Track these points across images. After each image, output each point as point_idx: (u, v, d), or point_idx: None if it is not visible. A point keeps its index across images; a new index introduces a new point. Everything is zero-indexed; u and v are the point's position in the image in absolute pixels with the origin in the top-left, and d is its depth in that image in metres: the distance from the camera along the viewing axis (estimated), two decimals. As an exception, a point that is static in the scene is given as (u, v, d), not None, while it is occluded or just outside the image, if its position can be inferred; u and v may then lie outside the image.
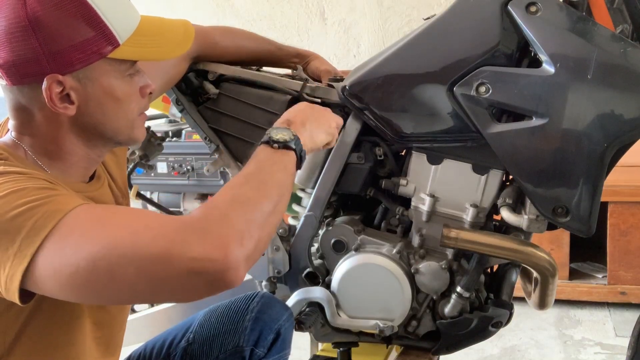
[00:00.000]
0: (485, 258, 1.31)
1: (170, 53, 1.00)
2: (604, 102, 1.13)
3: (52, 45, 0.87)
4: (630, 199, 2.47)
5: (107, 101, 0.94)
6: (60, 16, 0.87)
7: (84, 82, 0.91)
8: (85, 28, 0.89)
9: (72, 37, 0.88)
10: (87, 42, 0.89)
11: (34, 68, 0.88)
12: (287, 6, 3.45)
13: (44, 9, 0.87)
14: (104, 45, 0.90)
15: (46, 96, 0.89)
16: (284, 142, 0.99)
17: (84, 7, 0.89)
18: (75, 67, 0.89)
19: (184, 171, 2.93)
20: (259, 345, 1.21)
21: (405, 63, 1.26)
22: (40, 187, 0.84)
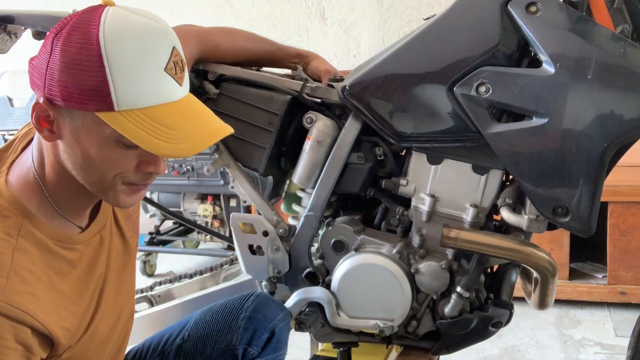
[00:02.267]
0: (485, 258, 1.31)
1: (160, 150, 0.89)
2: (604, 102, 1.13)
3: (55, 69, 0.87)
4: (630, 199, 2.47)
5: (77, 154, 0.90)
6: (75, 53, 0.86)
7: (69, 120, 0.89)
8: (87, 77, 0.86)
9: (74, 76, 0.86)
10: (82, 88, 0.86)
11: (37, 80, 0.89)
12: (287, 6, 3.45)
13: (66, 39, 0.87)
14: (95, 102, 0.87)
15: (32, 110, 0.89)
16: None
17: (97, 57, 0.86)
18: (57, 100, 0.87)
19: (184, 171, 2.93)
20: (252, 344, 1.21)
21: (405, 63, 1.26)
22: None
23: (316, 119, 1.36)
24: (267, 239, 1.41)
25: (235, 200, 3.01)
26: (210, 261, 3.11)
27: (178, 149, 0.89)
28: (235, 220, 1.44)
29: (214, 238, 3.12)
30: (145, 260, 3.24)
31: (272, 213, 1.43)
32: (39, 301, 0.89)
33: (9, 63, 3.35)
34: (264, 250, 1.42)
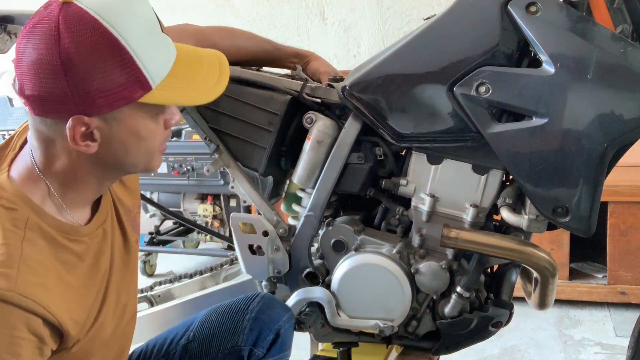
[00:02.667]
0: (485, 258, 1.31)
1: (203, 98, 0.97)
2: (604, 102, 1.13)
3: (81, 88, 0.84)
4: (630, 199, 2.47)
5: (130, 140, 0.92)
6: (94, 60, 0.84)
7: (110, 122, 0.89)
8: (118, 73, 0.86)
9: (104, 82, 0.85)
10: (119, 88, 0.86)
11: (60, 106, 0.86)
12: (287, 6, 3.45)
13: (78, 50, 0.84)
14: (136, 90, 0.88)
15: (69, 135, 0.87)
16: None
17: (119, 51, 0.85)
18: (102, 111, 0.87)
19: (184, 171, 2.93)
20: (258, 345, 1.21)
21: (405, 63, 1.26)
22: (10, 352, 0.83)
23: (316, 119, 1.36)
24: (267, 239, 1.41)
25: (235, 200, 3.01)
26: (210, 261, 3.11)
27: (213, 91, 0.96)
28: (235, 220, 1.44)
29: (214, 238, 3.12)
30: (145, 260, 3.25)
31: (272, 213, 1.43)
32: (49, 292, 0.88)
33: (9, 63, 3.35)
34: (264, 250, 1.42)
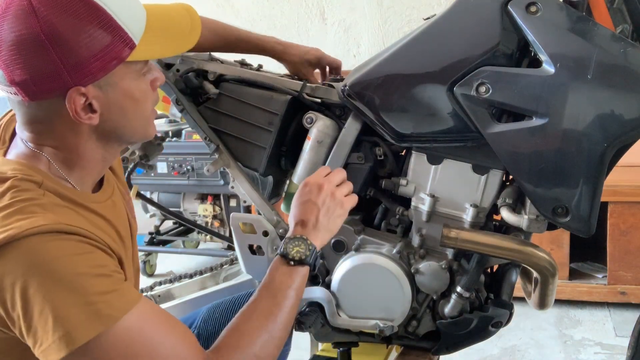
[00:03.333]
0: (485, 258, 1.31)
1: (182, 47, 0.98)
2: (604, 102, 1.13)
3: (72, 58, 0.84)
4: (630, 199, 2.47)
5: (127, 103, 0.92)
6: (77, 25, 0.84)
7: (105, 89, 0.89)
8: (103, 34, 0.85)
9: (91, 46, 0.85)
10: (107, 49, 0.86)
11: (55, 83, 0.85)
12: (287, 6, 3.45)
13: (60, 18, 0.83)
14: (123, 49, 0.88)
15: (70, 110, 0.87)
16: (299, 260, 1.04)
17: (98, 12, 0.85)
18: (97, 77, 0.87)
19: (184, 171, 2.93)
20: None
21: (405, 63, 1.26)
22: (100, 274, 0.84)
23: (316, 119, 1.36)
24: (267, 239, 1.41)
25: (235, 200, 3.01)
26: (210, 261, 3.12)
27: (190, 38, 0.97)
28: (235, 220, 1.44)
29: (214, 238, 3.12)
30: (145, 260, 3.25)
31: (272, 213, 1.43)
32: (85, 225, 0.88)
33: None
34: (264, 250, 1.42)
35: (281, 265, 1.04)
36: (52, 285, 0.80)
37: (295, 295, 1.02)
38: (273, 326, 0.97)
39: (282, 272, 1.03)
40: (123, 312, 0.83)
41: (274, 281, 1.02)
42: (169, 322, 0.92)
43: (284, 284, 1.02)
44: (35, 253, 0.80)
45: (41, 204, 0.85)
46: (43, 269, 0.80)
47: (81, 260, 0.82)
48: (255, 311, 0.98)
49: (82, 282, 0.81)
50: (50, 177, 0.91)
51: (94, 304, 0.81)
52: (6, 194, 0.85)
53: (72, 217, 0.87)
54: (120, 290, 0.85)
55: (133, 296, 0.86)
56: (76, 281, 0.81)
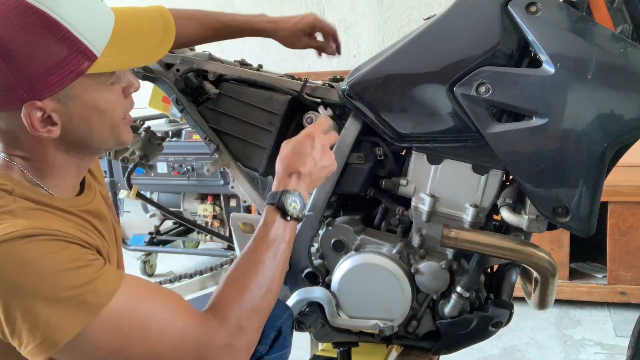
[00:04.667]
0: (485, 258, 1.31)
1: (152, 57, 0.94)
2: (604, 102, 1.13)
3: (25, 72, 0.82)
4: (630, 199, 2.47)
5: (91, 115, 0.90)
6: (29, 40, 0.82)
7: (65, 101, 0.87)
8: (58, 48, 0.83)
9: (46, 60, 0.83)
10: (63, 63, 0.84)
11: (9, 97, 0.83)
12: (287, 6, 3.45)
13: (10, 33, 0.81)
14: (81, 62, 0.85)
15: (27, 123, 0.85)
16: (296, 217, 1.05)
17: (52, 26, 0.82)
18: (53, 91, 0.84)
19: (184, 171, 2.93)
20: (262, 342, 1.21)
21: (405, 63, 1.26)
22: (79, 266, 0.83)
23: (316, 119, 1.36)
24: (267, 239, 1.41)
25: (235, 200, 3.01)
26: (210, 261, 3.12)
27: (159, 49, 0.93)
28: (235, 220, 1.44)
29: (214, 238, 3.12)
30: (145, 260, 3.24)
31: (272, 213, 1.43)
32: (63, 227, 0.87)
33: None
34: (264, 250, 1.41)
35: (276, 217, 1.03)
36: (32, 287, 0.79)
37: (287, 248, 1.03)
38: (269, 279, 0.98)
39: (277, 226, 1.03)
40: (109, 296, 0.83)
41: (270, 233, 1.02)
42: (157, 294, 0.91)
43: (279, 237, 1.02)
44: (10, 259, 0.79)
45: (10, 211, 0.83)
46: (21, 273, 0.79)
47: (57, 258, 0.81)
48: (254, 263, 0.98)
49: (62, 278, 0.81)
50: (23, 185, 0.90)
51: (79, 296, 0.81)
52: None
53: (44, 218, 0.86)
54: (102, 275, 0.84)
55: (116, 278, 0.86)
56: (56, 279, 0.80)
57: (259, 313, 0.96)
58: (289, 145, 1.11)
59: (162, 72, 1.43)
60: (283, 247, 1.02)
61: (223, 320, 0.92)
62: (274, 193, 1.05)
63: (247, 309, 0.94)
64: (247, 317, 0.94)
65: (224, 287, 0.96)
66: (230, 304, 0.94)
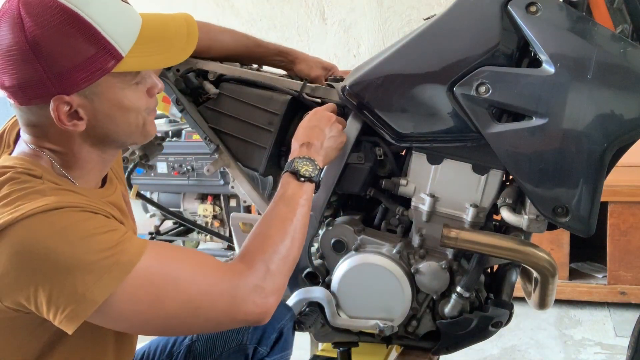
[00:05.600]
0: (485, 258, 1.31)
1: (175, 59, 0.99)
2: (604, 102, 1.13)
3: (55, 68, 0.87)
4: (630, 199, 2.47)
5: (116, 112, 0.94)
6: (60, 37, 0.86)
7: (91, 97, 0.91)
8: (86, 46, 0.88)
9: (75, 58, 0.87)
10: (90, 60, 0.88)
11: (40, 91, 0.88)
12: (287, 6, 3.45)
13: (43, 31, 0.86)
14: (108, 61, 0.90)
15: (54, 116, 0.90)
16: (309, 177, 1.14)
17: (82, 25, 0.87)
18: (80, 87, 0.89)
19: (184, 171, 2.93)
20: (262, 343, 1.21)
21: (405, 63, 1.26)
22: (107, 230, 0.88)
23: (316, 119, 1.36)
24: (267, 239, 1.40)
25: (235, 200, 3.01)
26: (210, 261, 3.10)
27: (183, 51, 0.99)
28: (235, 220, 1.44)
29: (214, 238, 3.12)
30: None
31: (272, 213, 1.43)
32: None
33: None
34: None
35: (291, 180, 1.12)
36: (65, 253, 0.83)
37: (306, 204, 1.11)
38: (291, 229, 1.06)
39: (293, 186, 1.12)
40: (139, 254, 0.88)
41: (287, 193, 1.11)
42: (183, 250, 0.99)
43: (296, 195, 1.10)
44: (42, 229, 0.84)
45: (40, 190, 0.88)
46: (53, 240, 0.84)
47: (86, 225, 0.87)
48: (275, 218, 1.06)
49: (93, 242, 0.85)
50: (51, 172, 0.94)
51: (111, 257, 0.86)
52: (4, 185, 0.89)
53: (72, 196, 0.91)
54: (129, 238, 0.90)
55: (141, 240, 0.91)
56: (87, 243, 0.85)
57: (285, 259, 1.02)
58: (299, 126, 1.23)
59: (162, 72, 1.43)
60: (302, 203, 1.10)
61: (250, 265, 0.98)
62: (288, 163, 1.15)
63: (272, 255, 1.01)
64: (274, 262, 1.00)
65: (249, 241, 1.04)
66: (256, 252, 1.01)
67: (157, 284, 0.89)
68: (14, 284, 0.84)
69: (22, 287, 0.84)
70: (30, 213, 0.84)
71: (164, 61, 0.99)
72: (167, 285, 0.90)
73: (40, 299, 0.84)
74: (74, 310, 0.84)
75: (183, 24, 1.01)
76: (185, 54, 1.00)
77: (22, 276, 0.84)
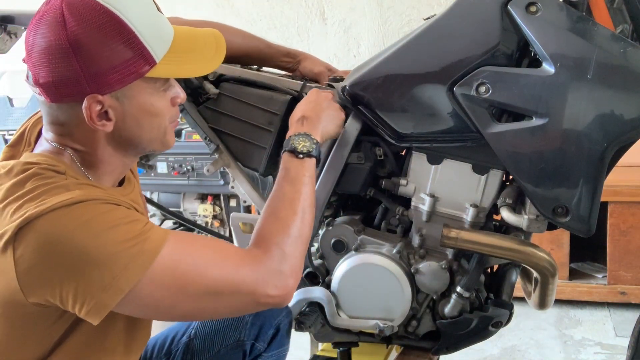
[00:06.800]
0: (485, 258, 1.31)
1: (203, 69, 1.03)
2: (604, 102, 1.13)
3: (92, 67, 0.89)
4: (630, 199, 2.47)
5: (143, 117, 0.97)
6: (100, 38, 0.89)
7: (122, 100, 0.93)
8: (124, 49, 0.90)
9: (112, 59, 0.90)
10: (126, 63, 0.91)
11: (74, 88, 0.90)
12: (287, 6, 3.45)
13: (85, 31, 0.88)
14: (142, 66, 0.92)
15: (86, 115, 0.91)
16: (307, 153, 1.13)
17: (122, 29, 0.90)
18: (114, 88, 0.91)
19: (184, 171, 2.93)
20: (259, 339, 1.22)
21: (405, 63, 1.26)
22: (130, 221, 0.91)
23: (316, 119, 1.36)
24: (267, 239, 1.40)
25: (235, 200, 3.01)
26: (210, 261, 3.10)
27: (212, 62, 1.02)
28: (235, 220, 1.44)
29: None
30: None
31: (272, 213, 1.43)
32: None
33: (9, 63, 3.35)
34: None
35: (291, 159, 1.13)
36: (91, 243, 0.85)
37: (310, 181, 1.12)
38: (299, 208, 1.07)
39: (295, 164, 1.12)
40: (162, 242, 0.91)
41: (290, 172, 1.11)
42: (202, 237, 1.01)
43: (299, 173, 1.11)
44: (67, 221, 0.86)
45: (64, 185, 0.90)
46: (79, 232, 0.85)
47: (110, 216, 0.89)
48: (282, 200, 1.08)
49: (117, 232, 0.88)
50: (73, 169, 0.96)
51: (135, 245, 0.88)
52: (29, 180, 0.90)
53: (94, 190, 0.93)
54: (151, 228, 0.92)
55: (162, 229, 0.94)
56: (112, 233, 0.87)
57: (298, 239, 1.04)
58: (297, 105, 1.24)
59: None
60: (305, 182, 1.10)
61: (267, 250, 1.00)
62: (285, 142, 1.15)
63: (285, 237, 1.02)
64: (288, 244, 1.02)
65: (260, 225, 1.05)
66: (269, 236, 1.02)
67: (182, 270, 0.91)
68: (41, 278, 0.86)
69: (48, 281, 0.86)
70: (56, 207, 0.86)
71: (194, 71, 1.03)
72: (190, 272, 0.92)
73: (66, 293, 0.86)
74: (101, 301, 0.86)
75: (211, 40, 1.04)
76: (213, 65, 1.02)
77: (48, 270, 0.85)
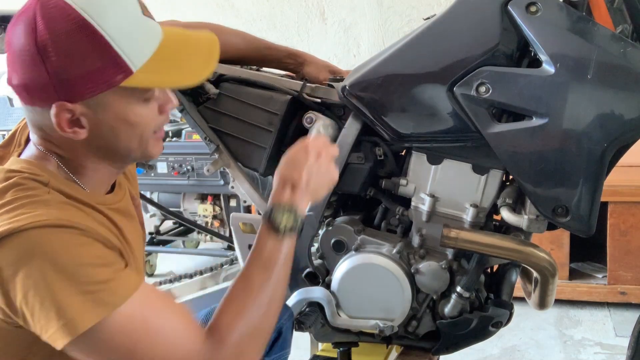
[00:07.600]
0: (485, 258, 1.31)
1: (189, 80, 0.96)
2: (604, 102, 1.13)
3: (61, 74, 0.86)
4: (630, 199, 2.47)
5: (119, 126, 0.92)
6: (68, 46, 0.85)
7: (95, 109, 0.89)
8: (94, 58, 0.86)
9: (81, 67, 0.86)
10: (97, 72, 0.87)
11: (43, 94, 0.87)
12: (287, 6, 3.45)
13: (53, 36, 0.85)
14: (115, 74, 0.87)
15: (55, 122, 0.88)
16: (289, 229, 1.01)
17: (93, 36, 0.86)
18: (84, 97, 0.87)
19: (184, 171, 2.93)
20: None
21: (405, 63, 1.26)
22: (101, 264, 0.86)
23: (316, 118, 1.36)
24: (267, 239, 1.40)
25: (235, 200, 3.01)
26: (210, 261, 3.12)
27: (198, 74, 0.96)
28: (235, 220, 1.44)
29: (214, 238, 3.12)
30: (146, 260, 3.24)
31: (272, 213, 1.43)
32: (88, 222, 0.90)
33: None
34: (264, 250, 1.41)
35: (268, 234, 1.01)
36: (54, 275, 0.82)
37: (285, 261, 1.01)
38: (266, 300, 0.97)
39: (272, 243, 1.01)
40: (124, 298, 0.86)
41: (264, 252, 1.00)
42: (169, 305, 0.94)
43: (274, 255, 1.00)
44: (37, 245, 0.83)
45: (44, 201, 0.87)
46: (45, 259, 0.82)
47: (82, 252, 0.85)
48: (251, 286, 0.98)
49: (84, 271, 0.84)
50: (58, 178, 0.93)
51: (96, 292, 0.84)
52: (9, 190, 0.87)
53: (74, 213, 0.89)
54: (121, 277, 0.87)
55: (133, 282, 0.88)
56: (78, 271, 0.83)
57: (259, 334, 0.97)
58: (284, 158, 1.09)
59: None
60: (280, 262, 1.00)
61: (223, 343, 0.93)
62: (267, 209, 1.04)
63: (245, 333, 0.94)
64: (246, 340, 0.94)
65: (223, 309, 0.97)
66: (229, 328, 0.94)
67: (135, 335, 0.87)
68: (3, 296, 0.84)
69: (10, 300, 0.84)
70: (29, 226, 0.82)
71: (177, 81, 0.97)
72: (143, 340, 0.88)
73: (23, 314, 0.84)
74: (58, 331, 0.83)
75: (205, 46, 0.98)
76: (200, 76, 0.97)
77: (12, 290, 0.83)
